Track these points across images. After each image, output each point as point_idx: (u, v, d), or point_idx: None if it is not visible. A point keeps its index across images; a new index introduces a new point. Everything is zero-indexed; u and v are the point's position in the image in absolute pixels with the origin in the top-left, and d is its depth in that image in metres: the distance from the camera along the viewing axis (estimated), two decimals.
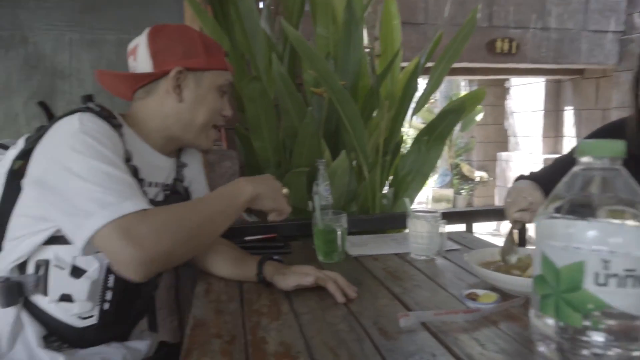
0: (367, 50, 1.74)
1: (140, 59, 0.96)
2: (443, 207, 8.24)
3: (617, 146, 0.43)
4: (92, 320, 0.88)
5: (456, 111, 1.61)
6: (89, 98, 0.92)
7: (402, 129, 1.59)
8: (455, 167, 8.78)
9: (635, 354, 0.42)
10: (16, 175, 0.87)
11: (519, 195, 1.07)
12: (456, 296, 0.93)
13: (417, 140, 1.61)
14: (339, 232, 1.15)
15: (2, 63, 1.25)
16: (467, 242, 1.40)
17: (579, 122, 6.02)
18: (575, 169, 0.46)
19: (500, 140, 8.39)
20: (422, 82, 2.09)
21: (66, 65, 1.28)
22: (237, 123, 1.62)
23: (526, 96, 6.89)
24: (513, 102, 7.62)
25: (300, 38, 1.27)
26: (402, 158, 1.60)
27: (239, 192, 0.91)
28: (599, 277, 0.40)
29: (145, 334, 1.06)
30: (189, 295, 1.53)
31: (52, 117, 0.93)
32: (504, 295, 0.88)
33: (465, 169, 8.64)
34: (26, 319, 0.84)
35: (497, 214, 1.57)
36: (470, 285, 1.00)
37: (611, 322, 0.41)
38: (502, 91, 8.27)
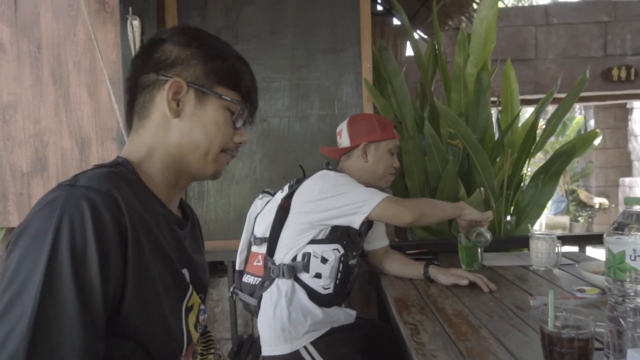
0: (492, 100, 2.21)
1: (344, 138, 1.62)
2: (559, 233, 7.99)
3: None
4: (329, 290, 1.49)
5: (568, 153, 2.00)
6: (328, 163, 1.57)
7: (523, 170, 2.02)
8: (571, 193, 8.48)
9: None
10: (282, 207, 1.51)
11: None
12: (569, 291, 1.36)
13: (534, 178, 2.02)
14: (479, 248, 1.62)
15: (249, 134, 1.96)
16: (580, 259, 1.78)
17: None
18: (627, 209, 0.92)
19: (623, 164, 7.97)
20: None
21: (285, 134, 1.95)
22: None
23: None
24: (637, 124, 7.27)
25: (446, 109, 1.80)
26: (522, 192, 2.03)
27: (457, 203, 1.56)
28: (632, 256, 0.86)
29: (349, 309, 1.63)
30: (358, 289, 2.09)
31: (305, 175, 1.58)
32: None
33: (583, 195, 8.30)
34: (297, 286, 1.46)
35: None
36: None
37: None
38: (624, 113, 7.90)
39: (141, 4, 1.84)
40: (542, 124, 4.85)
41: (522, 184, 2.10)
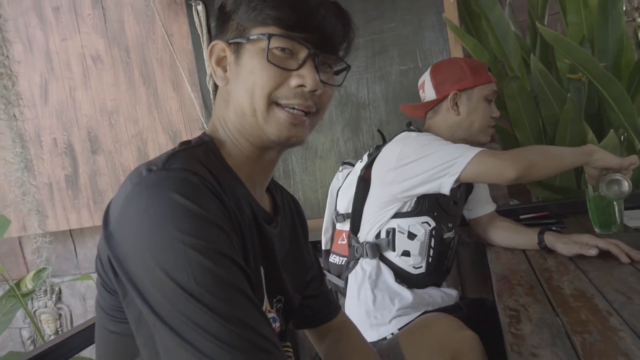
0: (628, 20, 1.72)
1: (427, 91, 1.37)
2: None
3: None
4: (421, 270, 1.29)
5: None
6: (409, 123, 1.37)
7: None
8: None
9: None
10: (363, 179, 1.34)
11: None
12: None
13: None
14: (616, 203, 1.25)
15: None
16: None
17: None
18: None
19: None
20: None
21: (365, 98, 1.76)
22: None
23: None
24: None
25: (556, 35, 1.41)
26: None
27: (583, 147, 1.20)
28: None
29: (451, 288, 1.41)
30: (470, 264, 1.84)
31: (385, 140, 1.38)
32: None
33: None
34: (382, 266, 1.30)
35: None
36: None
37: None
38: None
39: None
40: None
41: None
